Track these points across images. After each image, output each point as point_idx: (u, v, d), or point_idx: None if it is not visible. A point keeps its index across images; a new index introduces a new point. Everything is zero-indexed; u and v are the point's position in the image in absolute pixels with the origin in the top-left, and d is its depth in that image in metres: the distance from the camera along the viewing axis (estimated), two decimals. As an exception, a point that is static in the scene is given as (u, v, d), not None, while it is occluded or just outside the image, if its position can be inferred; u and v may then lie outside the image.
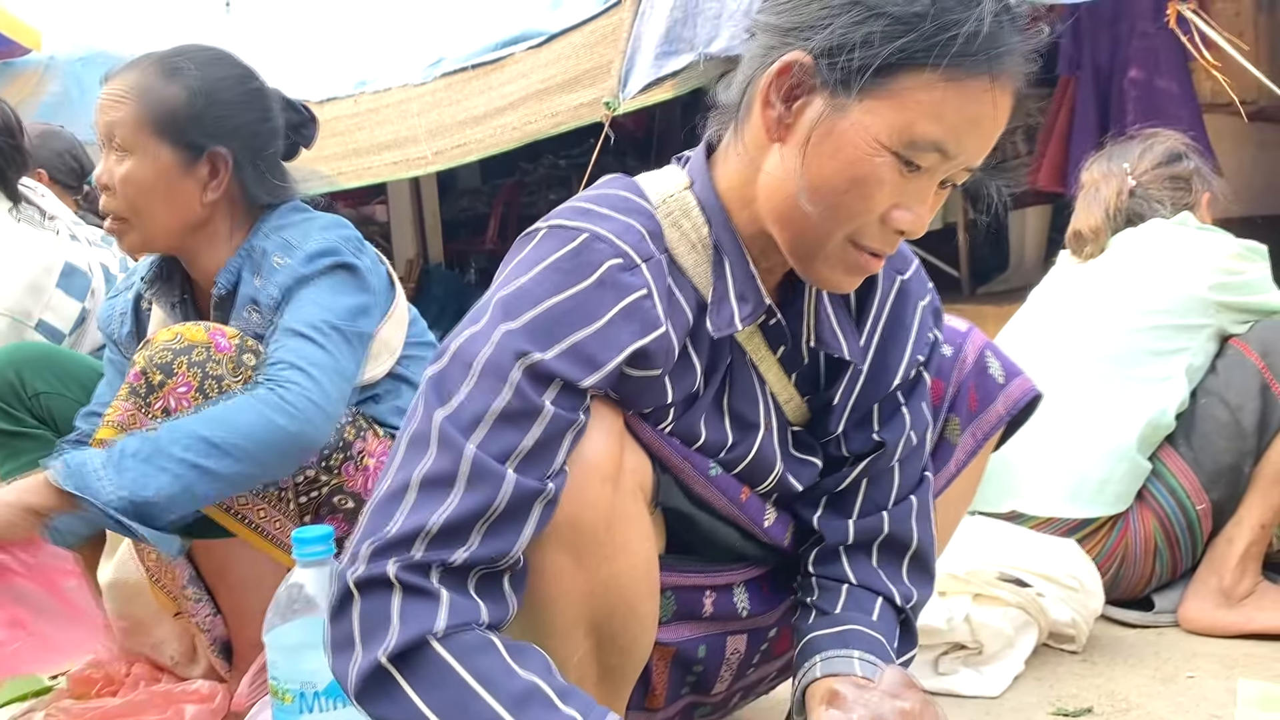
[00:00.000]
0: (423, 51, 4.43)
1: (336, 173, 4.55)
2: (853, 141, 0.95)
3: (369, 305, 1.55)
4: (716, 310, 1.04)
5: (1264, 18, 4.40)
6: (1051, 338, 2.01)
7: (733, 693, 1.30)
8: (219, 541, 1.50)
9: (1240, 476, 1.86)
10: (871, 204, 0.97)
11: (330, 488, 1.51)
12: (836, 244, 1.00)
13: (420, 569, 0.88)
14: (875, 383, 1.16)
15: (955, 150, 0.95)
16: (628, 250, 0.98)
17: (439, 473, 0.91)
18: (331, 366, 1.44)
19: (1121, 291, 1.97)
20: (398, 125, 4.36)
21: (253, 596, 1.52)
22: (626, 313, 0.96)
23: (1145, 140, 2.15)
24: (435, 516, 0.89)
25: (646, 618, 1.08)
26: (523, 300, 0.95)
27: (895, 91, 0.93)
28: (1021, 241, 5.51)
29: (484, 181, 8.61)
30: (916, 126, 0.93)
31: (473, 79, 4.21)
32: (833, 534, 1.18)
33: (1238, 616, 1.80)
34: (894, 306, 1.16)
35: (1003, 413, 1.30)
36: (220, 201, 1.60)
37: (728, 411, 1.11)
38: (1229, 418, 1.86)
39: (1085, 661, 1.74)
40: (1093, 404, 1.91)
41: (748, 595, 1.23)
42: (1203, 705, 1.54)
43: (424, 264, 7.91)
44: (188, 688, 1.57)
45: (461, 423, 0.91)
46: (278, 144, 1.66)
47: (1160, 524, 1.88)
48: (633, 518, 1.04)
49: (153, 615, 1.68)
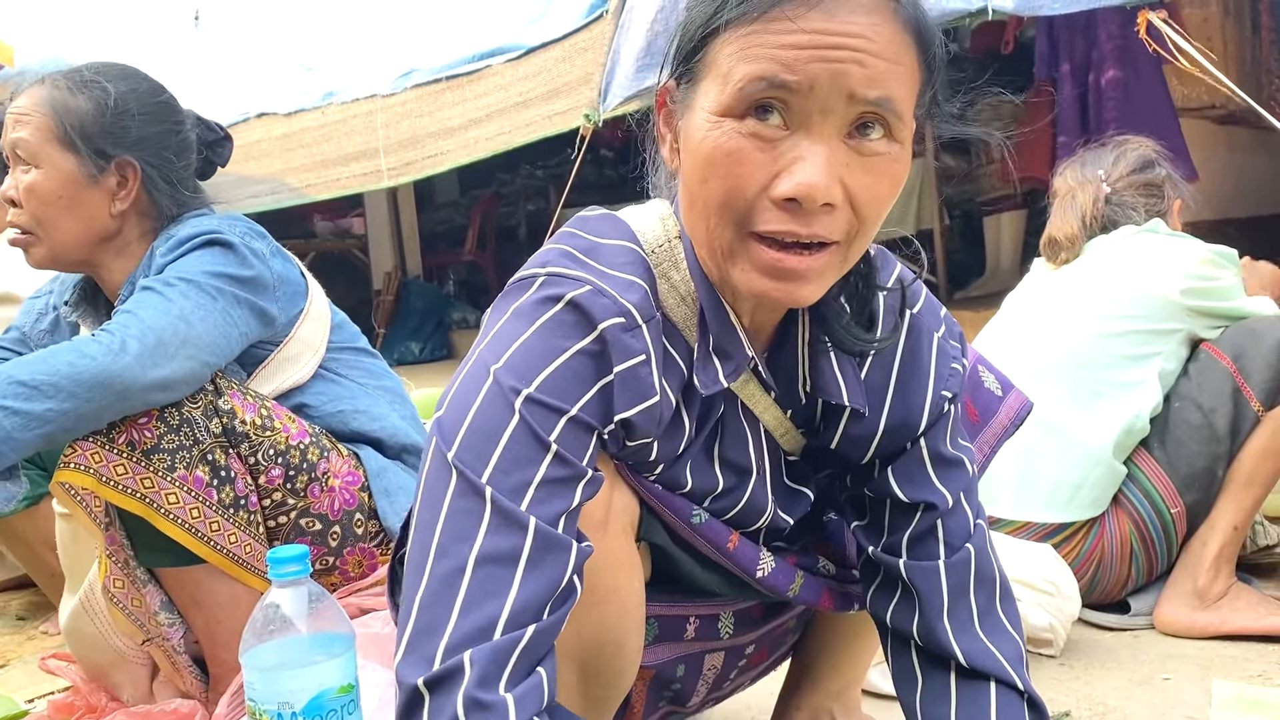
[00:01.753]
0: (392, 63, 4.43)
1: (305, 185, 4.53)
2: (697, 127, 0.90)
3: (244, 276, 1.52)
4: (702, 368, 0.99)
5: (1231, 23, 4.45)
6: (1026, 343, 2.03)
7: (707, 701, 1.30)
8: (186, 570, 1.49)
9: (1214, 479, 1.88)
10: (739, 179, 0.88)
11: (298, 510, 1.51)
12: (735, 241, 0.91)
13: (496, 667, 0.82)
14: (900, 425, 1.08)
15: (799, 78, 0.84)
16: (630, 309, 0.93)
17: (507, 551, 0.85)
18: (164, 309, 1.42)
19: (1095, 297, 1.99)
20: (366, 136, 4.36)
21: (226, 620, 1.51)
22: (623, 379, 0.92)
23: (1118, 147, 2.16)
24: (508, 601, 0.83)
25: (632, 652, 1.06)
26: (529, 358, 0.90)
27: (710, 61, 0.89)
28: (998, 247, 5.55)
29: (462, 193, 8.60)
30: (735, 73, 0.86)
31: (446, 90, 4.21)
32: (924, 581, 1.07)
33: (1212, 618, 1.82)
34: (907, 346, 1.08)
35: (1007, 424, 1.28)
36: (129, 212, 1.59)
37: (718, 459, 1.07)
38: (1201, 421, 1.88)
39: (1063, 665, 1.75)
40: (1067, 409, 1.92)
41: (734, 621, 1.22)
42: (1179, 707, 1.55)
43: (402, 276, 7.89)
44: (166, 707, 1.55)
45: (505, 488, 0.86)
46: (189, 157, 1.65)
47: (1136, 527, 1.90)
48: (622, 559, 1.02)
49: (109, 661, 1.67)
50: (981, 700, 1.05)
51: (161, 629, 1.54)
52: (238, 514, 1.45)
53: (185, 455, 1.42)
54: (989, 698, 1.05)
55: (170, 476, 1.42)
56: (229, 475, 1.45)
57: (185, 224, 1.59)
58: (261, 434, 1.49)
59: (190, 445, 1.43)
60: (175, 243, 1.53)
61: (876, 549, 1.11)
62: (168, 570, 1.52)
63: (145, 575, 1.53)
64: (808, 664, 1.37)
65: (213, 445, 1.45)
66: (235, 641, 1.50)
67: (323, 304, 1.69)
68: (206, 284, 1.48)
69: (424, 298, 7.84)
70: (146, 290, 1.46)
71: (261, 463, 1.48)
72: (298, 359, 1.61)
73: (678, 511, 1.05)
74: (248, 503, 1.47)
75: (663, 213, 1.03)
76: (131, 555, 1.52)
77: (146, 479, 1.42)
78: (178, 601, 1.54)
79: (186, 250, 1.52)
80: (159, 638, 1.56)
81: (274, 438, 1.50)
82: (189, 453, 1.43)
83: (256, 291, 1.54)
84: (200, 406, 1.45)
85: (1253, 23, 4.78)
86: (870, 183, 0.88)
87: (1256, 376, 1.86)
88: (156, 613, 1.53)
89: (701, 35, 0.90)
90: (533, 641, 0.84)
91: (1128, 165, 2.12)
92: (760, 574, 1.11)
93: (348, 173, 4.40)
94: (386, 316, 7.77)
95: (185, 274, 1.47)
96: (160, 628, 1.54)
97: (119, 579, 1.53)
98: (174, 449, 1.42)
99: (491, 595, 0.83)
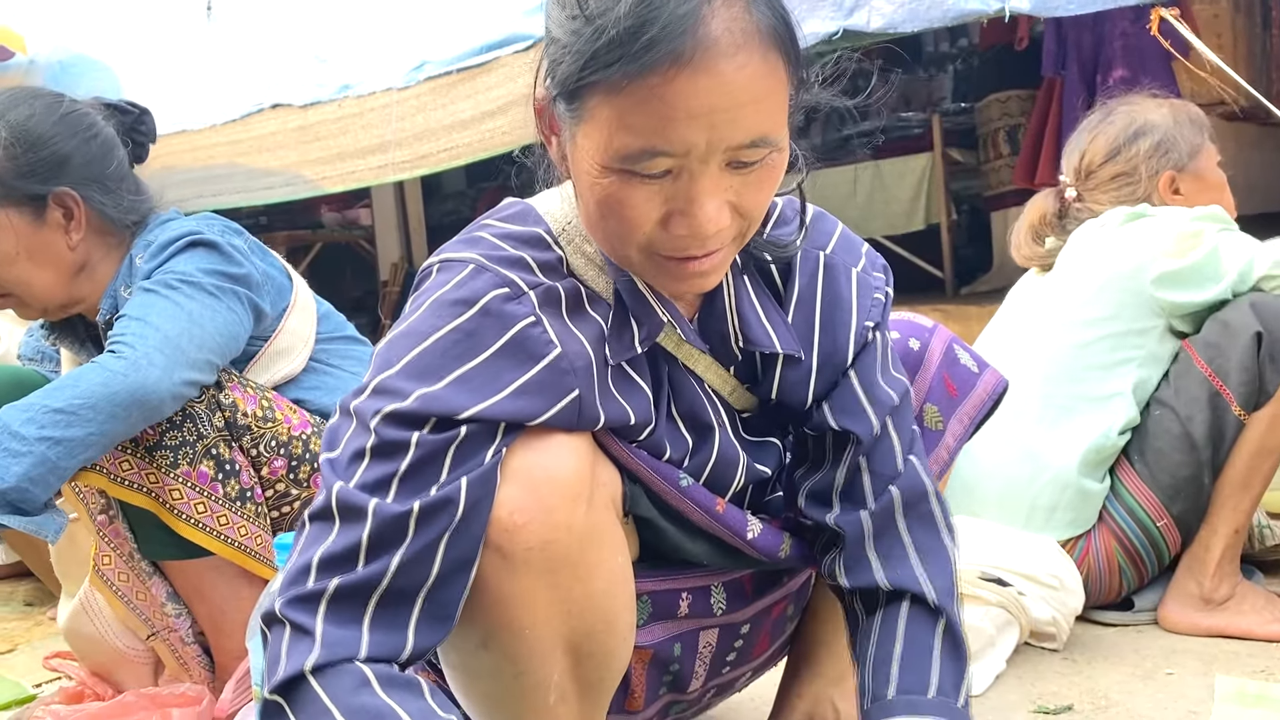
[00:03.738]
0: (405, 55, 4.44)
1: (320, 177, 4.54)
2: (584, 168, 0.93)
3: (233, 272, 1.51)
4: (616, 336, 1.02)
5: (1241, 19, 4.44)
6: (1008, 359, 1.92)
7: (708, 689, 1.30)
8: (190, 563, 1.50)
9: (1201, 487, 1.82)
10: (632, 222, 0.92)
11: (302, 500, 1.51)
12: (639, 261, 0.97)
13: (307, 603, 0.90)
14: (830, 362, 1.12)
15: (676, 147, 0.87)
16: (514, 279, 0.98)
17: (321, 511, 0.93)
18: (174, 313, 1.41)
19: (1069, 300, 1.92)
20: (381, 129, 4.36)
21: (230, 609, 1.52)
22: (514, 343, 0.95)
23: (1097, 125, 2.02)
24: (317, 552, 0.91)
25: (624, 630, 1.07)
26: (408, 340, 0.96)
27: (589, 112, 0.90)
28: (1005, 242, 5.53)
29: (469, 185, 8.60)
30: (615, 141, 0.88)
31: (457, 83, 4.21)
32: (852, 528, 1.11)
33: (1218, 620, 1.81)
34: (826, 285, 1.12)
35: (985, 397, 1.31)
36: (87, 238, 1.56)
37: (680, 418, 1.10)
38: (1180, 430, 1.82)
39: (1066, 659, 1.75)
40: (1035, 430, 1.88)
41: (725, 595, 1.22)
42: (1181, 702, 1.55)
43: (409, 268, 7.90)
44: (175, 690, 1.56)
45: (340, 465, 0.93)
46: (117, 155, 1.60)
47: (1121, 544, 1.86)
48: (606, 533, 1.03)
49: (111, 661, 1.68)
50: (892, 620, 1.09)
51: (169, 619, 1.55)
52: (244, 506, 1.46)
53: (189, 451, 1.43)
54: (899, 614, 1.09)
55: (174, 473, 1.42)
56: (234, 468, 1.46)
57: (162, 228, 1.56)
58: (263, 426, 1.49)
59: (194, 440, 1.43)
60: (158, 247, 1.51)
61: (805, 504, 1.14)
62: (172, 562, 1.52)
63: (150, 568, 1.54)
64: (807, 651, 1.38)
65: (216, 439, 1.45)
66: (239, 630, 1.52)
67: (307, 295, 1.68)
68: (207, 283, 1.47)
69: (431, 289, 7.83)
70: (149, 294, 1.44)
71: (264, 454, 1.49)
72: (289, 351, 1.60)
73: (665, 476, 1.08)
74: (253, 494, 1.47)
75: (566, 191, 1.07)
76: (135, 548, 1.52)
77: (152, 475, 1.42)
78: (182, 592, 1.55)
79: (173, 253, 1.50)
80: (164, 629, 1.56)
81: (275, 429, 1.50)
82: (192, 448, 1.43)
83: (250, 288, 1.53)
84: (203, 401, 1.45)
85: (1263, 18, 4.77)
86: (755, 192, 0.94)
87: (1234, 378, 1.78)
88: (164, 604, 1.54)
89: (575, 85, 0.89)
90: (341, 590, 0.89)
91: (1098, 152, 1.99)
92: (750, 535, 1.14)
93: (364, 165, 4.41)
94: (392, 308, 7.78)
95: (185, 275, 1.46)
96: (167, 618, 1.55)
97: (122, 572, 1.53)
98: (177, 445, 1.42)
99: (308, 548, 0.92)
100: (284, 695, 0.88)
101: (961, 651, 1.10)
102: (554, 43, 0.92)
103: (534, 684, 1.01)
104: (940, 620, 1.09)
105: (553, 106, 0.96)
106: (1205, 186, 1.97)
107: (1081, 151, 2.02)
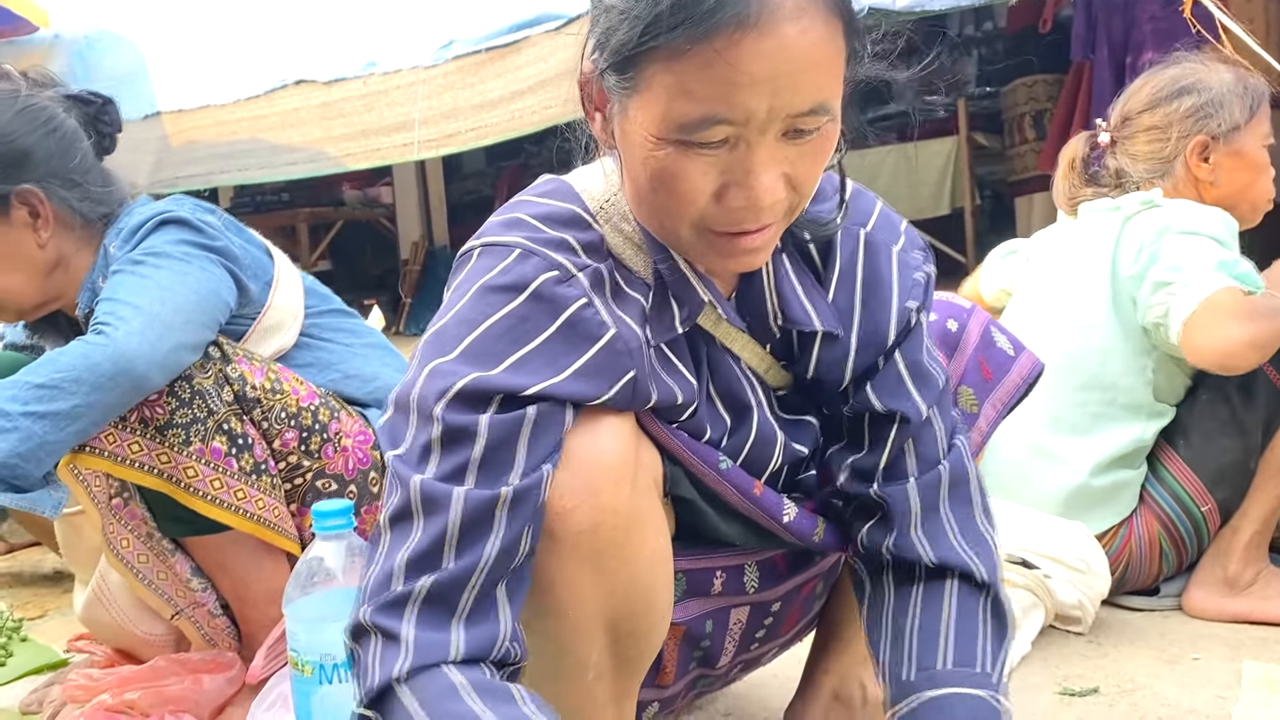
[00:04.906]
0: (433, 33, 4.42)
1: (344, 154, 4.54)
2: (637, 141, 0.92)
3: (205, 243, 1.50)
4: (656, 317, 1.02)
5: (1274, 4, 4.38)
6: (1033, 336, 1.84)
7: (735, 664, 1.31)
8: (211, 537, 1.50)
9: (1246, 474, 1.80)
10: (686, 196, 0.91)
11: (314, 472, 1.51)
12: (689, 237, 0.95)
13: (395, 607, 0.89)
14: (871, 342, 1.11)
15: (737, 113, 0.86)
16: (562, 262, 0.96)
17: (400, 511, 0.92)
18: (141, 286, 1.40)
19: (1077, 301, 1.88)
20: (406, 108, 4.35)
21: (253, 580, 1.53)
22: (569, 325, 0.95)
23: (1151, 73, 1.95)
24: (402, 554, 0.90)
25: (663, 609, 1.08)
26: (460, 328, 0.94)
27: (645, 81, 0.88)
28: (1028, 226, 5.50)
29: (489, 164, 8.60)
30: (674, 110, 0.87)
31: (486, 62, 4.20)
32: (897, 502, 1.11)
33: (1242, 605, 1.80)
34: (866, 263, 1.11)
35: (1020, 381, 1.31)
36: (56, 234, 1.55)
37: (718, 397, 1.10)
38: (1229, 415, 1.81)
39: (1092, 643, 1.75)
40: (1060, 432, 1.87)
41: (758, 573, 1.23)
42: (1208, 686, 1.55)
43: (429, 246, 7.91)
44: (205, 656, 1.58)
45: (410, 461, 0.92)
46: (81, 147, 1.58)
47: (1164, 528, 1.85)
48: (649, 515, 1.03)
49: (131, 648, 1.69)
50: (938, 595, 1.09)
51: (194, 595, 1.55)
52: (259, 479, 1.46)
53: (200, 428, 1.42)
54: (944, 592, 1.09)
55: (186, 451, 1.41)
56: (247, 442, 1.46)
57: (131, 214, 1.56)
58: (272, 398, 1.49)
59: (205, 417, 1.42)
60: (128, 232, 1.51)
61: (847, 478, 1.14)
62: (192, 538, 1.53)
63: (171, 545, 1.54)
64: (834, 628, 1.38)
65: (227, 414, 1.45)
66: (263, 600, 1.54)
67: (290, 269, 1.67)
68: (176, 252, 1.46)
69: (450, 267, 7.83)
70: (118, 274, 1.43)
71: (275, 427, 1.48)
72: (279, 327, 1.59)
73: (705, 459, 1.07)
74: (267, 467, 1.47)
75: (606, 168, 1.05)
76: (155, 527, 1.53)
77: (163, 454, 1.41)
78: (204, 566, 1.55)
79: (144, 234, 1.49)
80: (189, 606, 1.57)
81: (284, 401, 1.50)
82: (204, 425, 1.42)
83: (226, 258, 1.52)
84: (210, 376, 1.44)
85: (1297, 4, 4.69)
86: (809, 164, 0.92)
87: None
88: (188, 580, 1.54)
89: (632, 52, 0.88)
90: (431, 591, 0.89)
91: (1141, 101, 1.92)
92: (786, 518, 1.14)
93: (388, 143, 4.40)
94: (413, 286, 7.79)
95: (151, 249, 1.46)
96: (193, 594, 1.55)
97: (141, 554, 1.52)
98: (188, 423, 1.42)
99: (392, 552, 0.91)
100: (376, 707, 0.88)
101: (1005, 629, 1.10)
102: (608, 11, 0.91)
103: (574, 663, 1.02)
104: (987, 596, 1.10)
105: (600, 80, 0.94)
106: (1240, 164, 1.89)
107: (1128, 95, 1.97)
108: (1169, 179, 1.90)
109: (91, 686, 1.57)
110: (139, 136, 4.96)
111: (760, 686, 1.60)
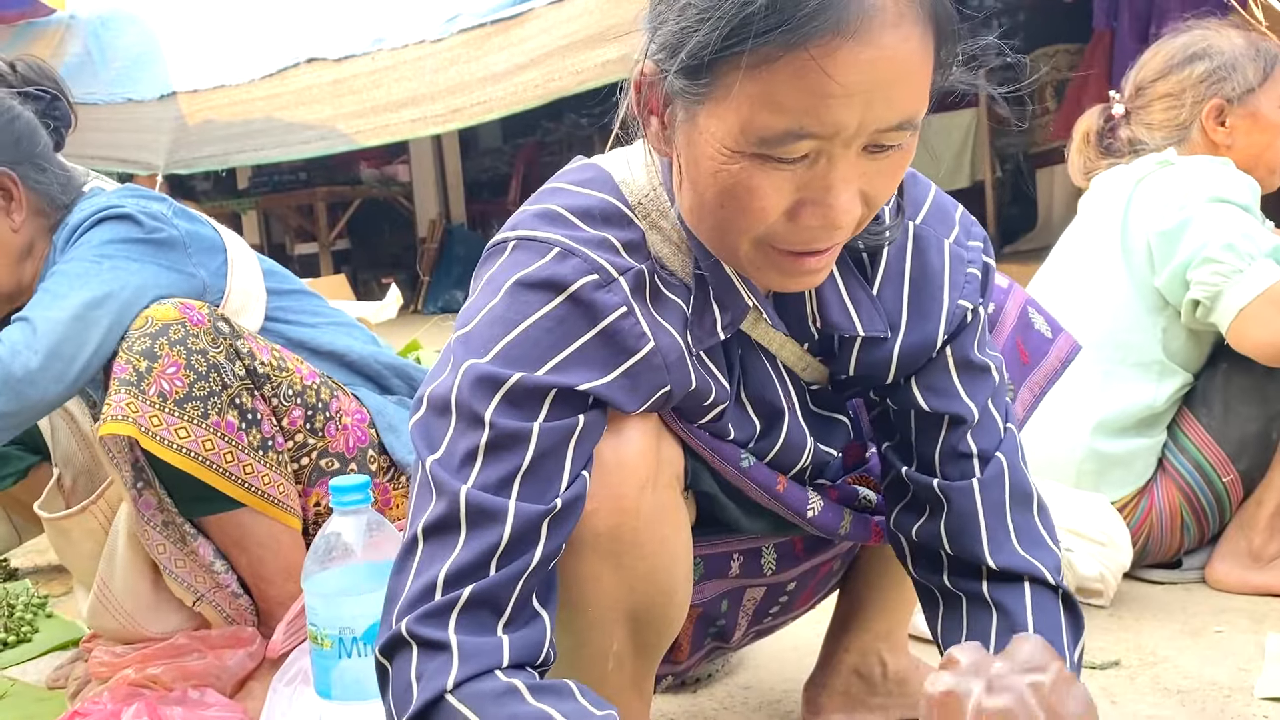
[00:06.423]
0: (439, 7, 4.41)
1: (354, 131, 4.54)
2: (706, 153, 0.85)
3: (141, 238, 1.51)
4: (697, 322, 0.98)
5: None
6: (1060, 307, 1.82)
7: (748, 635, 1.32)
8: (229, 515, 1.52)
9: (1268, 445, 1.79)
10: (756, 211, 0.85)
11: (318, 451, 1.52)
12: (749, 251, 0.90)
13: (437, 616, 0.86)
14: (919, 343, 1.05)
15: (825, 127, 0.80)
16: (603, 264, 0.92)
17: (442, 520, 0.88)
18: (53, 293, 1.44)
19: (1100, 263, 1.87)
20: (415, 82, 4.35)
21: (269, 557, 1.54)
22: (607, 335, 0.92)
23: (1163, 42, 1.93)
24: (443, 567, 0.87)
25: (682, 599, 1.07)
26: (494, 327, 0.91)
27: (724, 88, 0.81)
28: (1050, 199, 5.46)
29: (505, 141, 8.59)
30: (756, 121, 0.81)
31: (492, 35, 4.19)
32: (962, 500, 1.05)
33: (1266, 578, 1.79)
34: (915, 259, 1.05)
35: (1058, 365, 1.28)
36: (29, 219, 1.57)
37: (749, 401, 1.07)
38: (1251, 383, 1.79)
39: (1113, 616, 1.74)
40: (1079, 395, 1.84)
41: (776, 555, 1.22)
42: (1231, 659, 1.54)
43: (446, 224, 7.92)
44: (225, 632, 1.59)
45: (451, 466, 0.89)
46: (40, 136, 1.61)
47: (1185, 498, 1.83)
48: (670, 511, 1.02)
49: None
50: (1016, 598, 1.04)
51: (217, 578, 1.56)
52: (267, 455, 1.46)
53: (216, 401, 1.43)
54: (1023, 594, 1.04)
55: (204, 423, 1.42)
56: (256, 417, 1.46)
57: (77, 209, 1.57)
58: (280, 375, 1.49)
59: (219, 390, 1.43)
60: (70, 230, 1.52)
61: (910, 469, 1.09)
62: (209, 519, 1.54)
63: (192, 530, 1.55)
64: (855, 605, 1.38)
65: (240, 388, 1.45)
66: (279, 577, 1.54)
67: (244, 251, 1.67)
68: (87, 256, 1.47)
69: (468, 245, 7.87)
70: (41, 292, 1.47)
71: (283, 404, 1.49)
72: (242, 311, 1.59)
73: (726, 457, 1.05)
74: (275, 443, 1.48)
75: (646, 160, 1.00)
76: (175, 513, 1.54)
77: (182, 429, 1.42)
78: (222, 546, 1.56)
79: (83, 232, 1.51)
80: (211, 590, 1.57)
81: (290, 378, 1.50)
82: (219, 397, 1.43)
83: (161, 250, 1.53)
84: (223, 350, 1.44)
85: (1325, -31, 4.61)
86: (886, 180, 0.87)
87: None
88: (211, 563, 1.55)
89: (711, 57, 0.81)
90: (474, 597, 0.86)
91: (1153, 69, 1.90)
92: (810, 514, 1.11)
93: (397, 119, 4.41)
94: (430, 264, 7.81)
95: (70, 256, 1.48)
96: (215, 577, 1.56)
97: (161, 544, 1.53)
98: (205, 395, 1.42)
99: (432, 563, 0.87)
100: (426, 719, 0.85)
101: (1080, 625, 1.07)
102: (683, 11, 0.83)
103: (593, 654, 1.02)
104: (1058, 595, 1.06)
105: (663, 83, 0.87)
106: (1257, 126, 1.86)
107: (1140, 65, 1.95)
108: (1186, 145, 1.89)
109: (115, 663, 1.58)
110: (154, 116, 4.97)
111: (779, 660, 1.60)
